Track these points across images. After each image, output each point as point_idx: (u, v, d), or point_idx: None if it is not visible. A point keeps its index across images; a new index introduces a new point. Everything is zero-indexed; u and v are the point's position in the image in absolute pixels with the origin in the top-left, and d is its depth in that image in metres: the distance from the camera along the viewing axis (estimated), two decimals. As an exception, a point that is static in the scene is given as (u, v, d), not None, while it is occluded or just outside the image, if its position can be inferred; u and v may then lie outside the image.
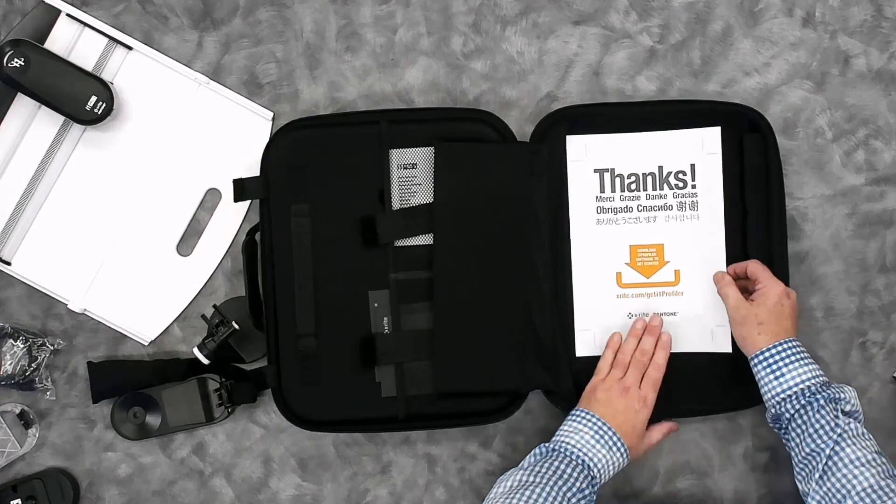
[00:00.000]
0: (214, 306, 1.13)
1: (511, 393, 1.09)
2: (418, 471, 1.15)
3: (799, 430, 0.98)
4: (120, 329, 1.15)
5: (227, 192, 1.14)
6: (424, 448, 1.15)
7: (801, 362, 0.99)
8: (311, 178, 1.08)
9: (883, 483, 0.91)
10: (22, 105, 1.13)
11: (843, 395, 0.98)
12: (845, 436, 0.95)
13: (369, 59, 1.15)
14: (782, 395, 0.99)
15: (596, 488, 0.98)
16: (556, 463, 0.97)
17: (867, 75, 1.15)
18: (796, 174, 1.15)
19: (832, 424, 0.95)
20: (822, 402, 0.97)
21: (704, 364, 1.11)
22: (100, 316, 1.14)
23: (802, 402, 0.98)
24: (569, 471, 0.96)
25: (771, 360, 1.00)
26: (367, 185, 1.09)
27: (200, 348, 1.10)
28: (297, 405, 1.09)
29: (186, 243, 1.15)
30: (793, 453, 0.99)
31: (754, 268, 1.05)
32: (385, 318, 1.08)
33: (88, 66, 1.12)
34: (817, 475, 0.94)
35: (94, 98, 1.09)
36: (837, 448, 0.94)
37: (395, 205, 1.08)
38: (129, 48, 1.14)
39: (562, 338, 1.10)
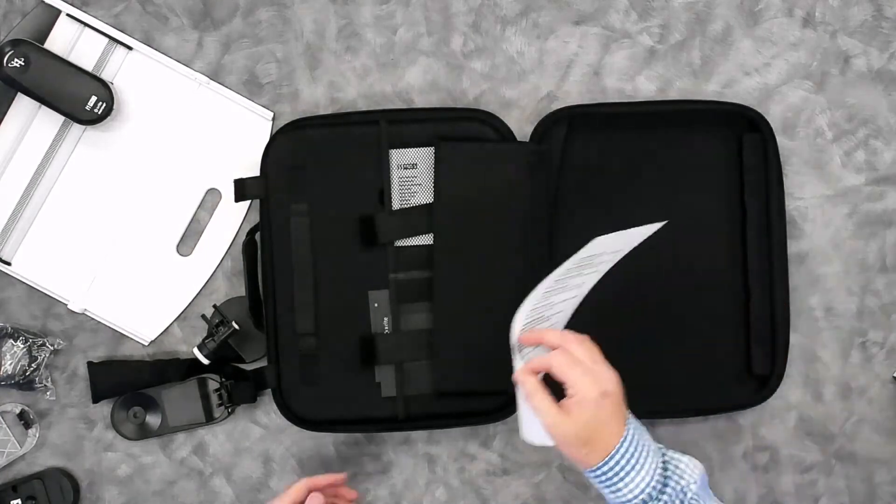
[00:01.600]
0: (214, 306, 1.13)
1: (511, 393, 1.09)
2: (418, 471, 1.15)
3: None
4: (120, 329, 1.15)
5: (227, 192, 1.14)
6: (424, 448, 1.15)
7: (636, 467, 0.86)
8: (311, 178, 1.08)
9: None
10: (22, 105, 1.13)
11: (682, 484, 0.87)
12: None
13: (369, 59, 1.15)
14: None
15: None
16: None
17: (867, 75, 1.15)
18: (796, 174, 1.15)
19: None
20: (674, 498, 0.87)
21: (704, 363, 1.11)
22: (100, 316, 1.14)
23: None
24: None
25: (605, 478, 0.87)
26: (367, 185, 1.09)
27: (200, 348, 1.10)
28: (297, 405, 1.09)
29: (186, 243, 1.15)
30: None
31: (559, 366, 0.88)
32: (385, 319, 1.08)
33: (88, 66, 1.12)
34: None
35: (94, 98, 1.09)
36: None
37: (396, 205, 1.08)
38: (129, 48, 1.14)
39: None
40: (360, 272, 1.09)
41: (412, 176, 1.08)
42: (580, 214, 1.11)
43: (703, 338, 1.11)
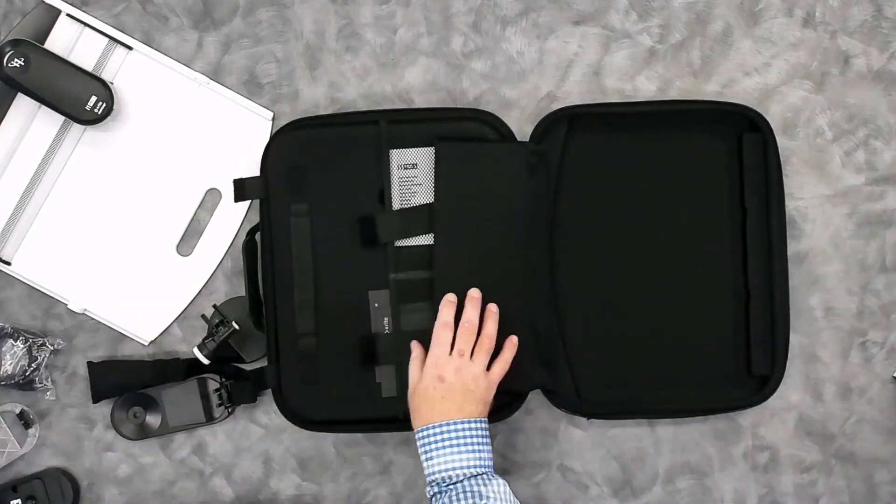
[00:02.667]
0: (214, 306, 1.13)
1: (511, 393, 1.09)
2: (418, 471, 1.15)
3: None
4: (120, 329, 1.15)
5: (227, 192, 1.14)
6: (424, 448, 1.15)
7: (461, 447, 0.96)
8: (311, 178, 1.08)
9: None
10: (22, 105, 1.13)
11: (483, 490, 0.94)
12: None
13: (369, 59, 1.15)
14: (427, 477, 0.97)
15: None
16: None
17: (867, 75, 1.15)
18: (796, 174, 1.15)
19: None
20: (459, 493, 0.94)
21: (704, 363, 1.11)
22: (100, 316, 1.14)
23: (441, 488, 0.96)
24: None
25: (429, 440, 0.97)
26: (367, 184, 1.09)
27: (200, 348, 1.10)
28: (297, 405, 1.09)
29: (186, 243, 1.15)
30: None
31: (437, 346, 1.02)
32: (385, 318, 1.08)
33: (88, 66, 1.12)
34: None
35: (94, 98, 1.09)
36: None
37: (396, 205, 1.08)
38: (129, 48, 1.14)
39: (561, 338, 1.10)
40: (361, 272, 1.09)
41: (412, 176, 1.08)
42: (580, 214, 1.11)
43: (704, 337, 1.11)
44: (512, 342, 1.04)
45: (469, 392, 0.99)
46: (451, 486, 0.95)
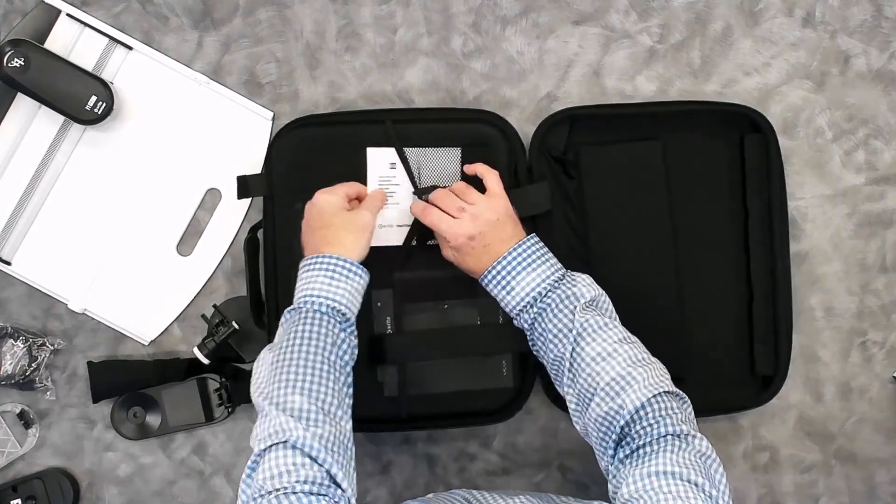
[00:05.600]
0: (214, 306, 1.13)
1: (513, 391, 1.09)
2: (418, 471, 1.15)
3: (541, 338, 0.96)
4: (120, 329, 1.15)
5: (227, 191, 1.14)
6: (424, 448, 1.15)
7: (529, 268, 0.97)
8: (315, 176, 1.08)
9: (625, 372, 0.89)
10: (22, 105, 1.13)
11: (574, 290, 0.95)
12: (584, 334, 0.92)
13: (369, 59, 1.15)
14: (517, 308, 0.97)
15: (350, 323, 0.96)
16: (306, 325, 0.93)
17: (867, 75, 1.16)
18: (796, 174, 1.15)
19: (569, 327, 0.93)
20: (556, 303, 0.95)
21: (708, 363, 1.11)
22: (100, 316, 1.14)
23: (537, 308, 0.96)
24: (320, 326, 0.93)
25: (499, 277, 0.97)
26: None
27: (200, 348, 1.10)
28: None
29: (186, 243, 1.15)
30: (542, 360, 0.98)
31: (460, 186, 1.02)
32: (388, 318, 1.08)
33: (88, 66, 1.12)
34: (566, 378, 0.93)
35: (94, 98, 1.09)
36: (577, 348, 0.92)
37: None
38: (129, 48, 1.14)
39: None
40: None
41: (391, 175, 1.08)
42: (581, 216, 1.11)
43: (707, 338, 1.11)
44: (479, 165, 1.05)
45: (496, 223, 0.99)
46: (544, 303, 0.95)
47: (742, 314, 1.11)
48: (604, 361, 0.90)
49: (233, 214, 1.15)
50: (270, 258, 1.09)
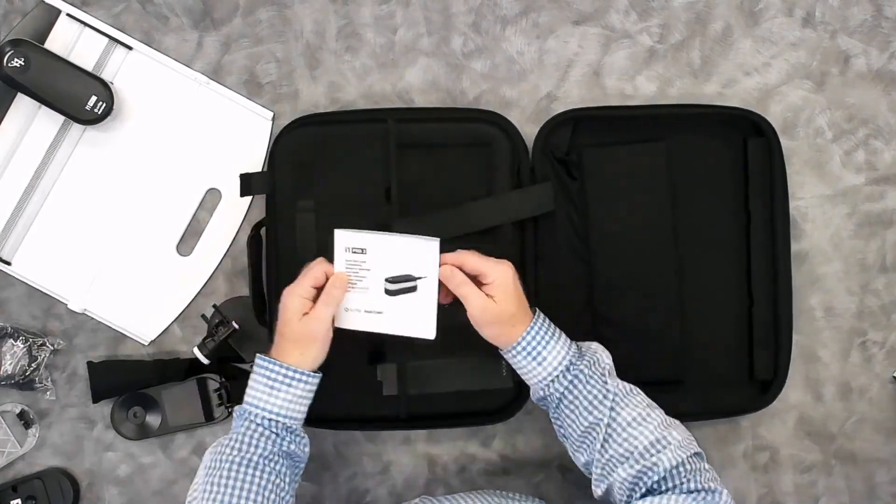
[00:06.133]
0: (214, 306, 1.13)
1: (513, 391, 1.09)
2: (418, 471, 1.15)
3: (572, 406, 0.96)
4: (120, 329, 1.15)
5: (227, 192, 1.14)
6: (424, 448, 1.15)
7: (555, 338, 0.97)
8: (318, 175, 1.08)
9: (660, 435, 0.92)
10: (22, 105, 1.13)
11: (597, 357, 0.97)
12: (618, 399, 0.94)
13: (369, 59, 1.15)
14: (549, 379, 0.97)
15: (292, 430, 0.96)
16: (249, 437, 0.94)
17: (867, 75, 1.15)
18: (796, 174, 1.15)
19: (604, 393, 0.95)
20: (586, 372, 0.96)
21: (707, 367, 1.11)
22: (100, 316, 1.14)
23: (569, 377, 0.96)
24: (263, 442, 0.94)
25: (529, 348, 0.97)
26: (374, 182, 1.08)
27: (200, 348, 1.10)
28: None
29: (186, 243, 1.15)
30: (568, 429, 0.98)
31: (473, 262, 0.97)
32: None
33: (88, 66, 1.12)
34: (598, 445, 0.94)
35: (94, 98, 1.09)
36: (614, 414, 0.94)
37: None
38: (129, 48, 1.14)
39: None
40: None
41: (360, 260, 1.00)
42: (582, 217, 1.11)
43: (707, 340, 1.11)
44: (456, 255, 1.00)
45: (517, 293, 0.97)
46: (577, 370, 0.96)
47: (742, 317, 1.11)
48: (640, 426, 0.93)
49: (233, 214, 1.15)
50: (273, 256, 1.09)
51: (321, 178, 1.08)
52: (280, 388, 0.95)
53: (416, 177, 1.09)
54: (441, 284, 0.97)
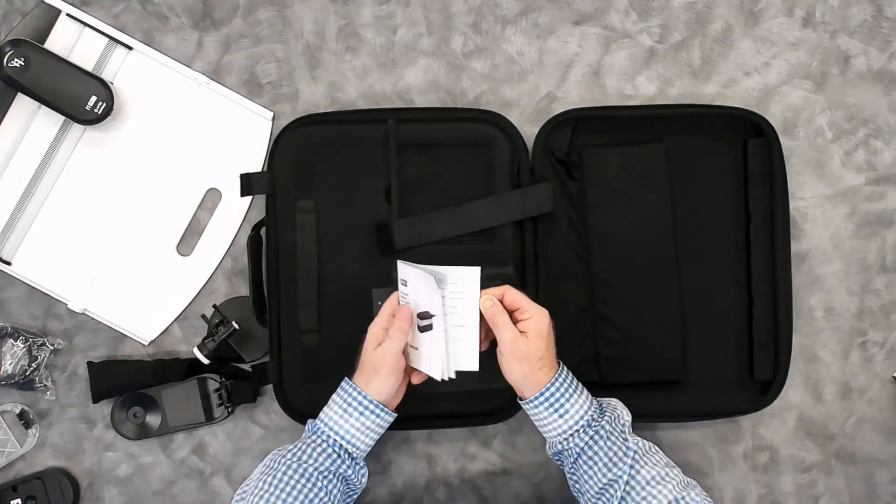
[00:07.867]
0: (214, 306, 1.13)
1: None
2: (418, 471, 1.15)
3: (591, 462, 0.95)
4: (120, 329, 1.15)
5: (227, 192, 1.14)
6: (424, 448, 1.15)
7: (577, 392, 0.97)
8: (318, 175, 1.09)
9: (679, 495, 0.92)
10: (22, 105, 1.13)
11: (617, 413, 0.97)
12: (637, 457, 0.94)
13: (369, 59, 1.15)
14: (569, 432, 0.96)
15: (355, 460, 0.98)
16: (312, 449, 0.96)
17: (867, 75, 1.16)
18: (796, 174, 1.15)
19: (624, 450, 0.94)
20: (607, 428, 0.96)
21: (707, 368, 1.11)
22: (100, 316, 1.14)
23: (590, 433, 0.96)
24: (323, 458, 0.96)
25: (553, 400, 0.95)
26: (374, 182, 1.09)
27: (200, 348, 1.10)
28: (298, 401, 1.09)
29: (186, 243, 1.15)
30: (585, 485, 0.97)
31: (513, 296, 0.97)
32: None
33: (88, 66, 1.12)
34: (616, 501, 0.93)
35: (94, 98, 1.09)
36: (633, 472, 0.93)
37: (398, 209, 1.08)
38: (129, 48, 1.14)
39: None
40: (364, 269, 1.08)
41: (405, 292, 1.02)
42: (582, 218, 1.11)
43: (707, 341, 1.11)
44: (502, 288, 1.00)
45: (549, 340, 0.97)
46: (598, 426, 0.95)
47: (742, 318, 1.11)
48: (659, 485, 0.92)
49: (233, 214, 1.15)
50: (273, 256, 1.09)
51: (321, 178, 1.09)
52: (352, 413, 0.97)
53: (416, 177, 1.09)
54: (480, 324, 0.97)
